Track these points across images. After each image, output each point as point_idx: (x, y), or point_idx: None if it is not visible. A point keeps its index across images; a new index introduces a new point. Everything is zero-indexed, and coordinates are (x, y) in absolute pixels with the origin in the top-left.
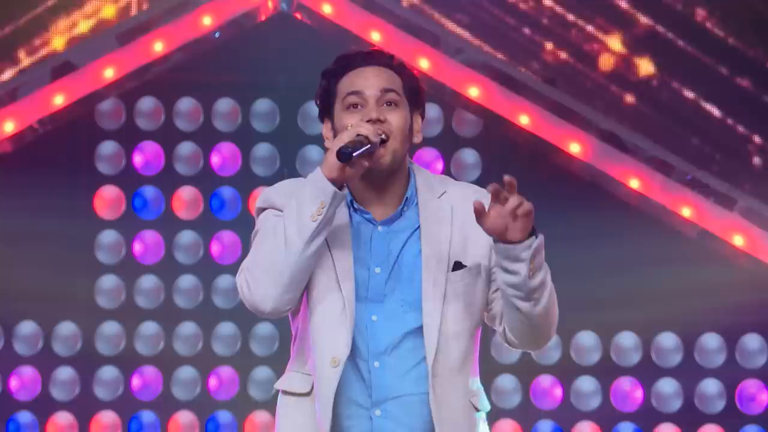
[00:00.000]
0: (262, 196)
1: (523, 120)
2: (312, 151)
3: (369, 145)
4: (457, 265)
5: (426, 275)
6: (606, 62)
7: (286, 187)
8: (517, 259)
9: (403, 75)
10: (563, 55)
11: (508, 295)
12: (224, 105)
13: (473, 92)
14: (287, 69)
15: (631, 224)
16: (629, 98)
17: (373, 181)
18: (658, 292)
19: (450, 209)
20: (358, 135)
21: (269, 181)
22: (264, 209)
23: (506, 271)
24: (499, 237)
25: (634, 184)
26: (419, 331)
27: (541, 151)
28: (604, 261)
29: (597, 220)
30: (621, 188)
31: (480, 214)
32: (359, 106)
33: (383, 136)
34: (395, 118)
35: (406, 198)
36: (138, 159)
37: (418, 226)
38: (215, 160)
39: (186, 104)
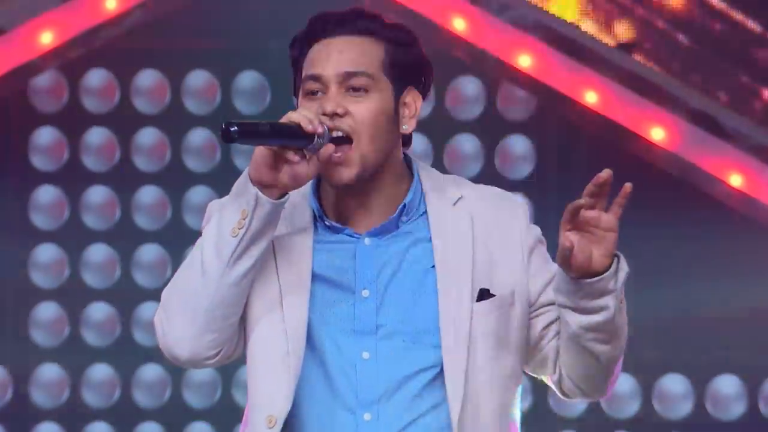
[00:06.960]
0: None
1: (590, 98)
2: None
3: (298, 137)
4: (483, 294)
5: (444, 308)
6: (700, 23)
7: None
8: (604, 293)
9: (390, 43)
10: (644, 12)
11: (584, 340)
12: (198, 79)
13: (524, 61)
14: (279, 33)
15: (730, 231)
16: (731, 70)
17: (352, 187)
18: None
19: (469, 220)
20: (291, 122)
21: None
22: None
23: (587, 311)
24: (583, 272)
25: (736, 180)
26: (429, 372)
27: (614, 137)
28: (696, 281)
29: (686, 227)
30: (718, 186)
31: (566, 258)
32: (318, 93)
33: (339, 134)
34: (361, 110)
35: (404, 205)
36: (85, 151)
37: (429, 239)
38: (186, 152)
39: (148, 79)
